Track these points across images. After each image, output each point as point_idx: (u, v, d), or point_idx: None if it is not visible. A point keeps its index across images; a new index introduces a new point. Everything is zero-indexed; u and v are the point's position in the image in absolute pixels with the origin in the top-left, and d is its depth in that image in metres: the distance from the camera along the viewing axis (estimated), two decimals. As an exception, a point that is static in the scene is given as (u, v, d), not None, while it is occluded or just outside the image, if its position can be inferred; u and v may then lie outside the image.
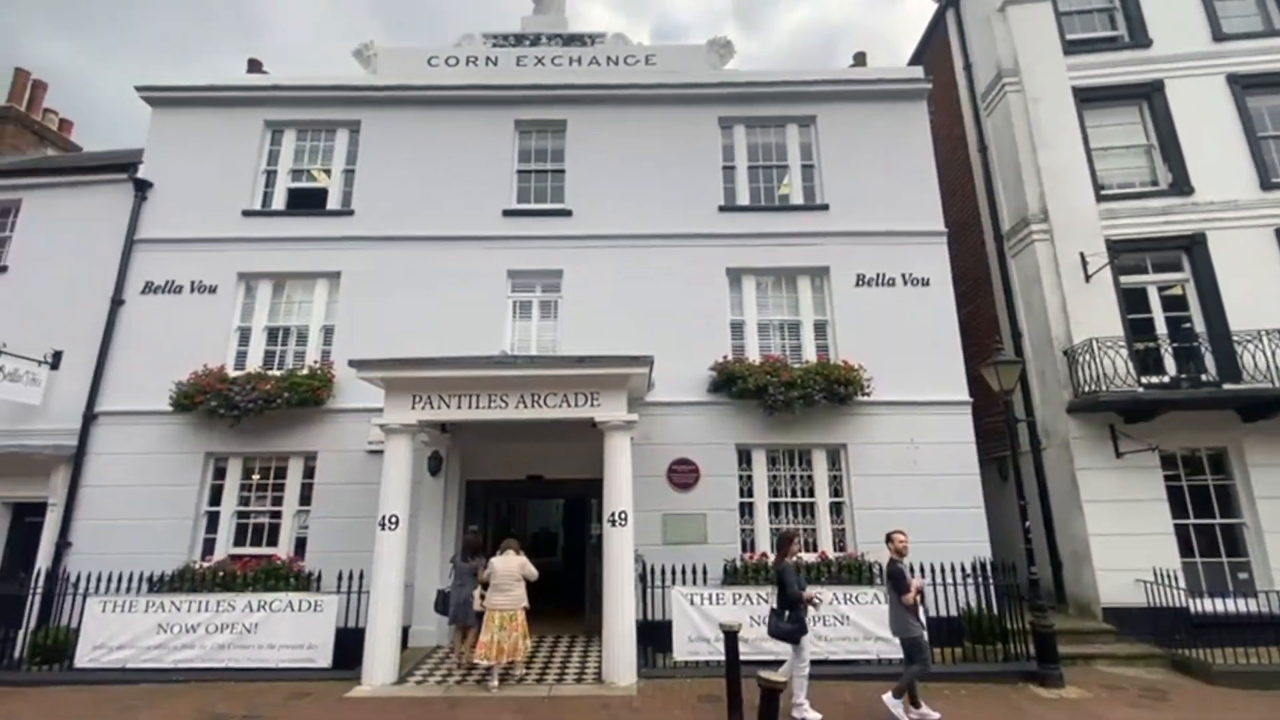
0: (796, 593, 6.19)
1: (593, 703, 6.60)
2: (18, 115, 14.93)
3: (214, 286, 10.32)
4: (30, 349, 9.85)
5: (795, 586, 6.23)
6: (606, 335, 9.55)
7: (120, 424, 9.67)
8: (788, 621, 6.22)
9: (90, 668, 7.70)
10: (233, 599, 7.99)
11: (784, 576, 6.34)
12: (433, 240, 10.38)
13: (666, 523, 9.08)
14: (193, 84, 11.25)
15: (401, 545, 7.63)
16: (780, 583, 6.38)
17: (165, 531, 9.15)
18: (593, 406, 7.83)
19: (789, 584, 6.24)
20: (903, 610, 6.22)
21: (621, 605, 7.29)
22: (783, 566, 6.45)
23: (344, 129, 11.22)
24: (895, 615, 6.34)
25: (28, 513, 9.67)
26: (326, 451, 9.47)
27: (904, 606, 6.19)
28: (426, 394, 7.89)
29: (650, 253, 10.25)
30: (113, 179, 11.02)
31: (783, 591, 6.32)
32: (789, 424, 9.37)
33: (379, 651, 7.23)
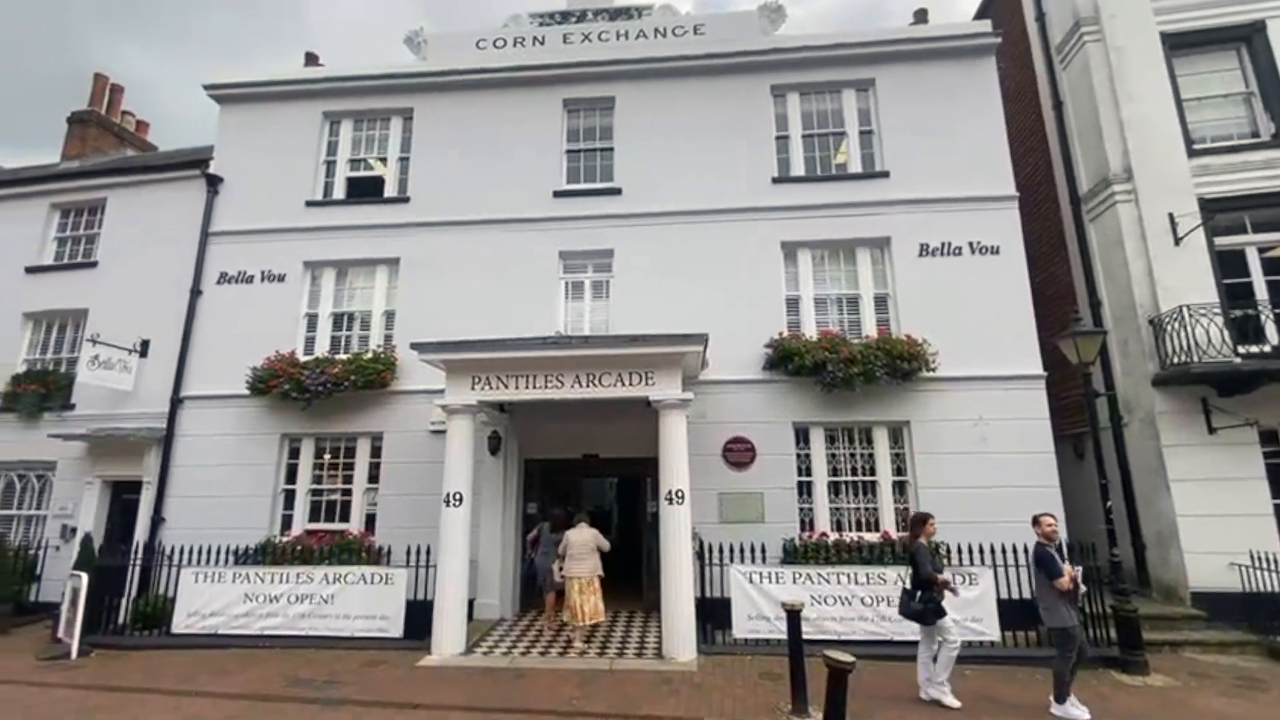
0: (929, 574, 5.98)
1: (653, 677, 6.68)
2: (99, 118, 15.86)
3: (282, 275, 10.76)
4: (121, 338, 10.57)
5: (928, 567, 6.01)
6: (659, 314, 9.48)
7: (203, 407, 10.28)
8: (919, 602, 6.03)
9: (185, 633, 8.30)
10: (310, 571, 8.43)
11: (917, 557, 6.14)
12: (485, 224, 10.49)
13: (723, 501, 9.04)
14: (254, 79, 11.65)
15: (466, 521, 7.85)
16: (913, 563, 6.21)
17: (247, 508, 9.71)
18: (647, 385, 7.81)
19: (922, 564, 6.04)
20: (1054, 597, 5.82)
21: (680, 583, 7.32)
22: (916, 546, 6.23)
23: (398, 117, 11.42)
24: (1045, 603, 5.92)
25: (125, 490, 10.45)
26: (392, 432, 9.82)
27: (1056, 593, 5.79)
28: (485, 375, 8.04)
29: (702, 229, 10.08)
30: (187, 175, 11.59)
31: (916, 572, 6.15)
32: (848, 401, 9.12)
33: (447, 623, 7.50)
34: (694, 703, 5.95)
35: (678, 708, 5.82)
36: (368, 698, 6.12)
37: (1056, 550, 6.12)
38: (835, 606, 7.63)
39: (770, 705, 5.87)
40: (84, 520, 10.15)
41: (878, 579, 7.67)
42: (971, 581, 7.54)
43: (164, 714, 5.78)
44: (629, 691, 6.24)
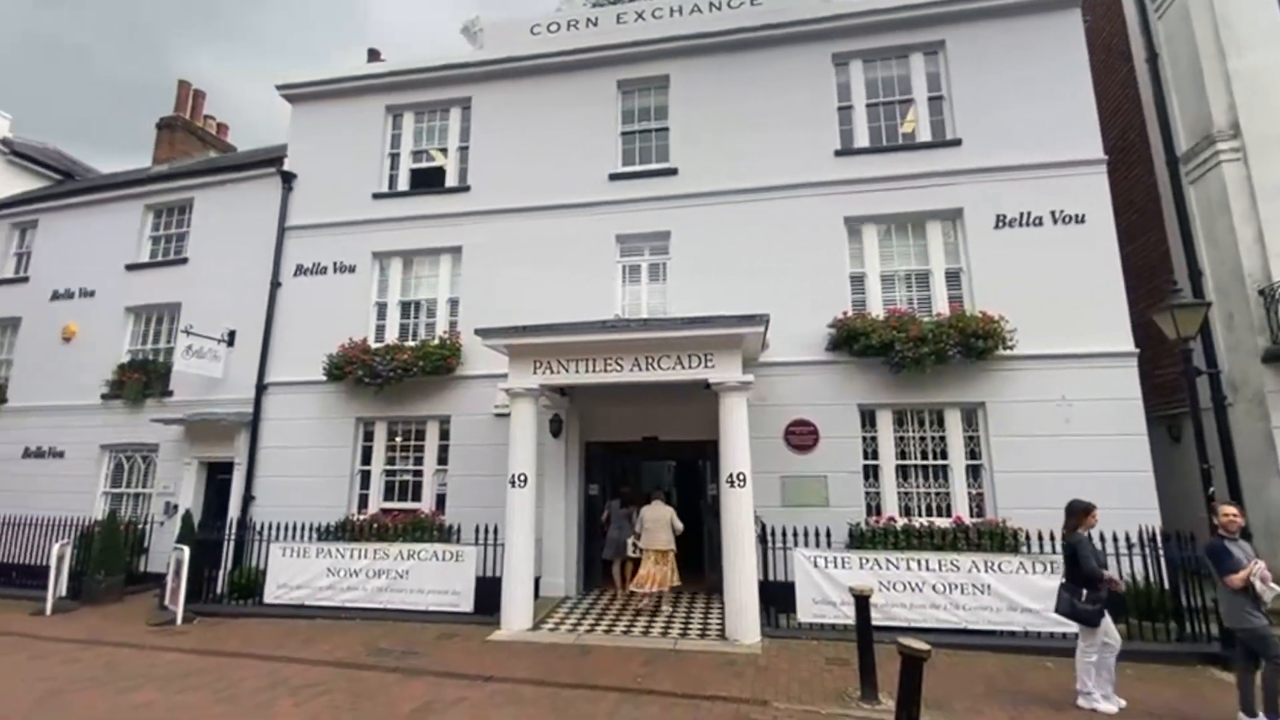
0: (1094, 569, 5.42)
1: (718, 659, 6.68)
2: (184, 123, 16.88)
3: (353, 266, 11.21)
4: (210, 329, 11.31)
5: (1092, 562, 5.46)
6: (717, 295, 9.34)
7: (285, 393, 10.89)
8: (1086, 601, 5.42)
9: (275, 603, 8.88)
10: (386, 548, 8.85)
11: (1077, 550, 5.57)
12: (542, 210, 10.59)
13: (785, 485, 8.89)
14: (322, 78, 12.10)
15: (530, 501, 8.04)
16: (1071, 556, 5.63)
17: (327, 487, 10.27)
18: (706, 368, 7.73)
19: (1084, 559, 5.48)
20: (1231, 596, 5.12)
21: (743, 566, 7.27)
22: (1075, 539, 5.64)
23: (456, 107, 11.63)
24: (1225, 602, 5.32)
25: (219, 470, 11.24)
26: (459, 415, 10.13)
27: (1230, 591, 5.11)
28: (546, 359, 8.15)
29: (761, 207, 9.84)
30: (264, 173, 12.21)
31: (1074, 566, 5.59)
32: (918, 382, 8.76)
33: (515, 599, 7.74)
34: (759, 685, 5.92)
35: (743, 689, 5.80)
36: (443, 669, 6.39)
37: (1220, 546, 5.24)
38: (905, 593, 7.41)
39: (838, 691, 5.77)
40: (184, 497, 11.00)
41: (950, 566, 7.39)
42: (1053, 570, 7.17)
43: (259, 678, 6.22)
44: (694, 671, 6.27)
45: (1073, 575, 5.64)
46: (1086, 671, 5.52)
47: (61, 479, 11.85)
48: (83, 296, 12.79)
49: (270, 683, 6.06)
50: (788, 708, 5.42)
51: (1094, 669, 5.49)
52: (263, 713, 5.30)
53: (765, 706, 5.45)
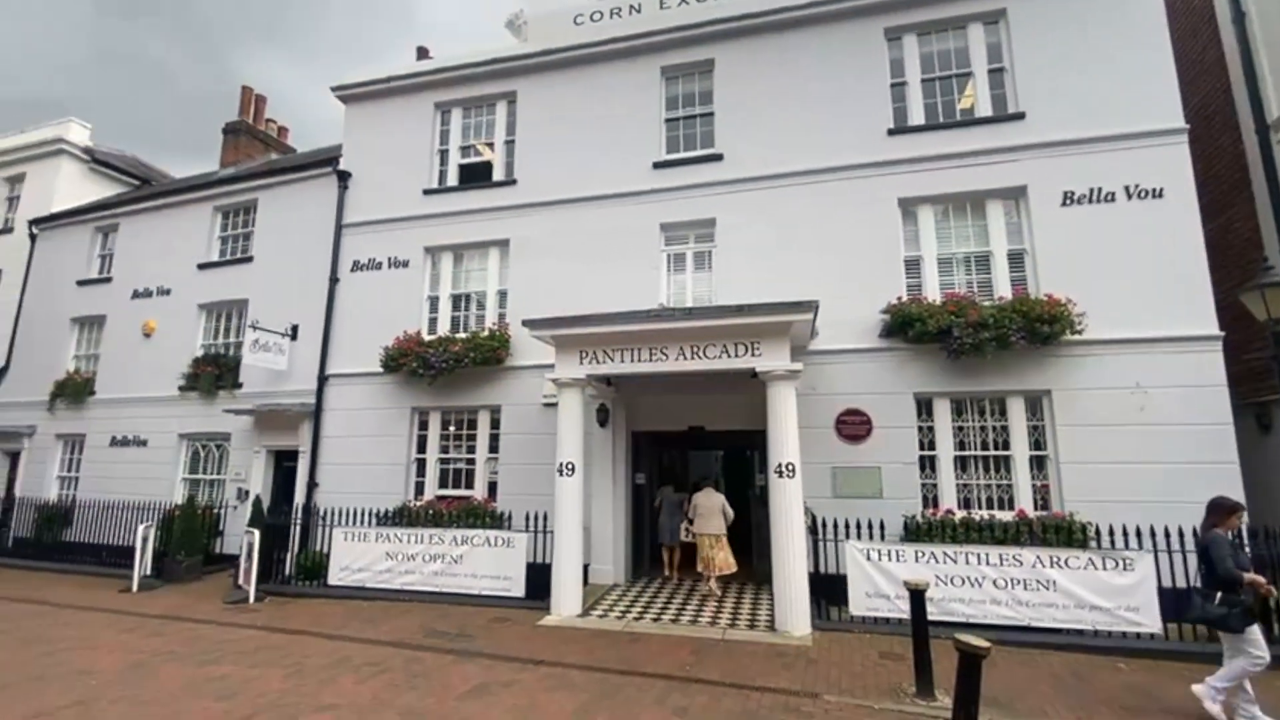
0: (1230, 570, 4.86)
1: (767, 650, 6.62)
2: (248, 127, 17.66)
3: (406, 261, 11.53)
4: (275, 323, 11.85)
5: (1228, 563, 4.90)
6: (765, 283, 9.16)
7: (345, 384, 11.33)
8: (1219, 604, 4.89)
9: (339, 585, 9.29)
10: (441, 534, 9.12)
11: (1210, 549, 5.04)
12: (586, 201, 10.61)
13: (836, 475, 8.69)
14: (373, 78, 12.42)
15: (578, 490, 8.12)
16: (1206, 558, 5.12)
17: (385, 474, 10.65)
18: (753, 356, 7.60)
19: (1218, 559, 4.94)
20: None
21: (792, 557, 7.16)
22: (1210, 537, 5.11)
23: (502, 101, 11.76)
24: None
25: (286, 458, 11.81)
26: (508, 405, 10.32)
27: None
28: (591, 349, 8.19)
29: (809, 190, 9.59)
30: (321, 173, 12.66)
31: (1209, 567, 5.07)
32: (978, 369, 8.40)
33: (564, 586, 7.85)
34: (810, 677, 5.83)
35: (793, 681, 5.73)
36: (496, 651, 6.55)
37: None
38: (963, 588, 7.15)
39: (892, 685, 5.62)
40: (254, 484, 11.61)
41: (1013, 560, 7.08)
42: (1126, 567, 6.78)
43: (324, 655, 6.52)
44: (742, 662, 6.23)
45: (1209, 577, 5.11)
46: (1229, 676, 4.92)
47: (145, 466, 12.69)
48: (160, 295, 13.60)
49: (334, 660, 6.35)
50: (839, 701, 5.32)
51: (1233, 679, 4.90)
52: (327, 688, 5.55)
53: (815, 699, 5.36)
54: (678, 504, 10.07)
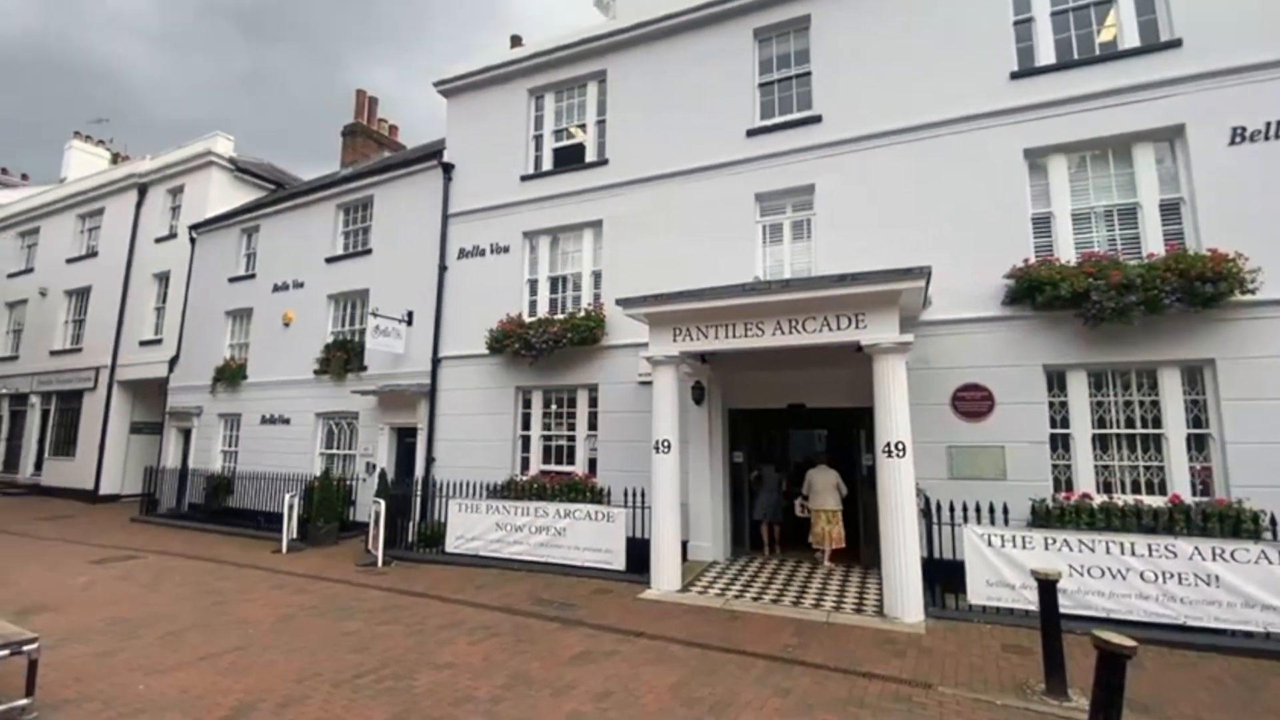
0: None
1: (875, 635, 6.32)
2: (363, 128, 18.93)
3: (506, 247, 11.95)
4: (392, 310, 12.73)
5: None
6: (869, 251, 8.62)
7: (455, 366, 12.00)
8: None
9: (454, 553, 9.93)
10: (545, 507, 9.48)
11: None
12: (678, 176, 10.45)
13: (953, 455, 8.09)
14: (471, 69, 12.86)
15: (674, 467, 8.12)
16: None
17: (494, 450, 11.21)
18: (858, 329, 7.17)
19: None
20: None
21: (903, 541, 6.76)
22: None
23: (593, 81, 11.78)
24: None
25: (406, 435, 12.74)
26: (605, 383, 10.49)
27: None
28: (685, 326, 8.09)
29: (919, 147, 8.86)
30: (427, 167, 13.35)
31: None
32: (1121, 337, 7.46)
33: (663, 561, 7.92)
34: (923, 667, 5.50)
35: (904, 669, 5.43)
36: (598, 622, 6.73)
37: None
38: (1103, 580, 6.44)
39: (1017, 681, 5.19)
40: (380, 458, 12.64)
41: (1165, 552, 6.27)
42: (1315, 564, 5.81)
43: (441, 617, 7.00)
44: (848, 647, 5.99)
45: None
46: None
47: (288, 442, 14.17)
48: (295, 287, 15.01)
49: (450, 622, 6.80)
50: (956, 694, 4.98)
51: None
52: (444, 648, 5.95)
53: (929, 690, 5.05)
54: (777, 483, 10.13)
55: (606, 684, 5.09)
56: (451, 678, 5.20)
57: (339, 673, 5.28)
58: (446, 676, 5.22)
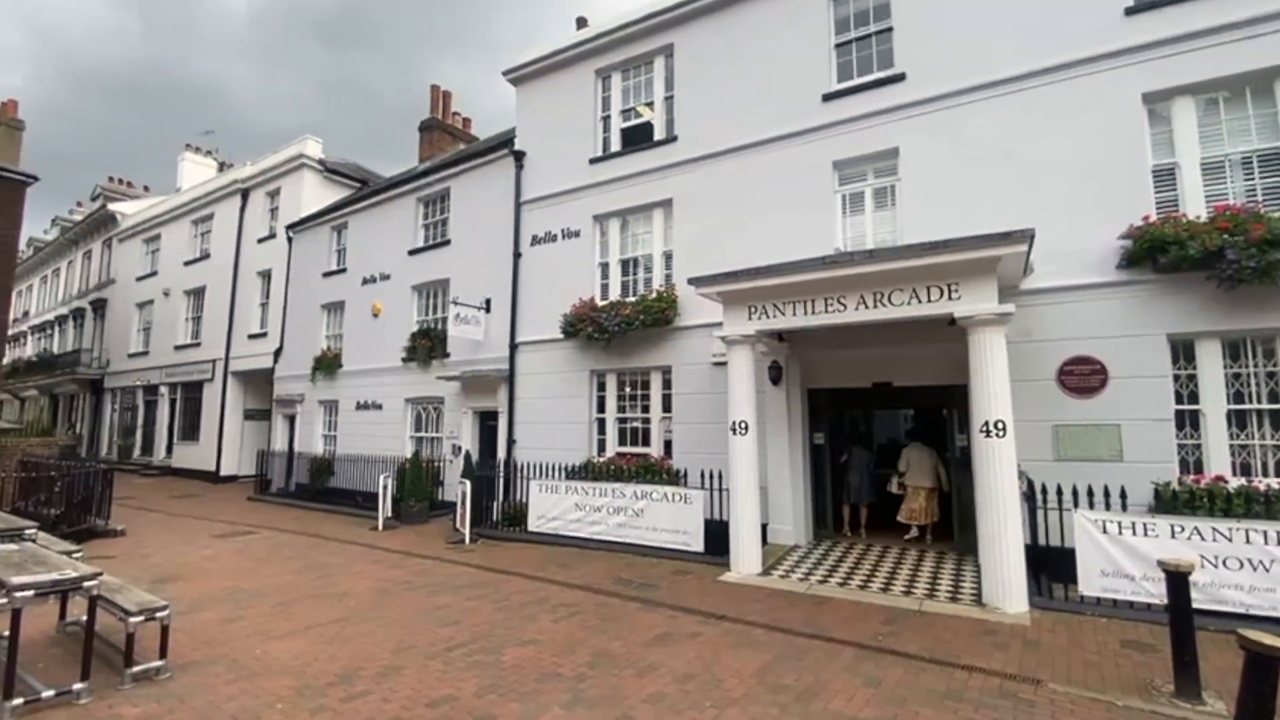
0: None
1: (973, 626, 5.95)
2: (438, 123, 19.49)
3: (577, 231, 12.00)
4: (471, 298, 13.12)
5: None
6: (960, 216, 8.01)
7: (532, 350, 12.24)
8: None
9: (536, 531, 10.19)
10: (623, 488, 9.54)
11: None
12: (750, 148, 10.10)
13: (1059, 435, 7.45)
14: (538, 55, 12.92)
15: (752, 448, 7.93)
16: None
17: (570, 433, 11.39)
18: (950, 300, 6.68)
19: None
20: None
21: (1004, 526, 6.29)
22: None
23: (659, 57, 11.55)
24: None
25: (488, 418, 13.16)
26: (679, 365, 10.38)
27: None
28: (761, 304, 7.83)
29: (1019, 100, 8.11)
30: (499, 156, 13.58)
31: None
32: (1263, 300, 6.58)
33: (743, 544, 7.79)
34: (1030, 662, 5.11)
35: (1008, 664, 5.07)
36: (678, 603, 6.71)
37: None
38: (1241, 572, 5.77)
39: (1140, 681, 4.72)
40: (464, 440, 13.14)
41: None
42: None
43: (526, 594, 7.19)
44: (944, 637, 5.67)
45: None
46: None
47: (381, 426, 14.99)
48: (382, 280, 15.76)
49: (535, 599, 6.97)
50: (1069, 692, 4.59)
51: None
52: (529, 624, 6.10)
53: (1038, 687, 4.68)
54: (867, 464, 9.99)
55: (689, 666, 5.04)
56: (536, 654, 5.31)
57: (432, 645, 5.52)
58: (531, 652, 5.34)
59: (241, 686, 4.61)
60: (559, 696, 4.48)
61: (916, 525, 9.39)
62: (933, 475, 9.40)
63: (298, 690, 4.55)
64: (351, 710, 4.25)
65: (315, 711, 4.23)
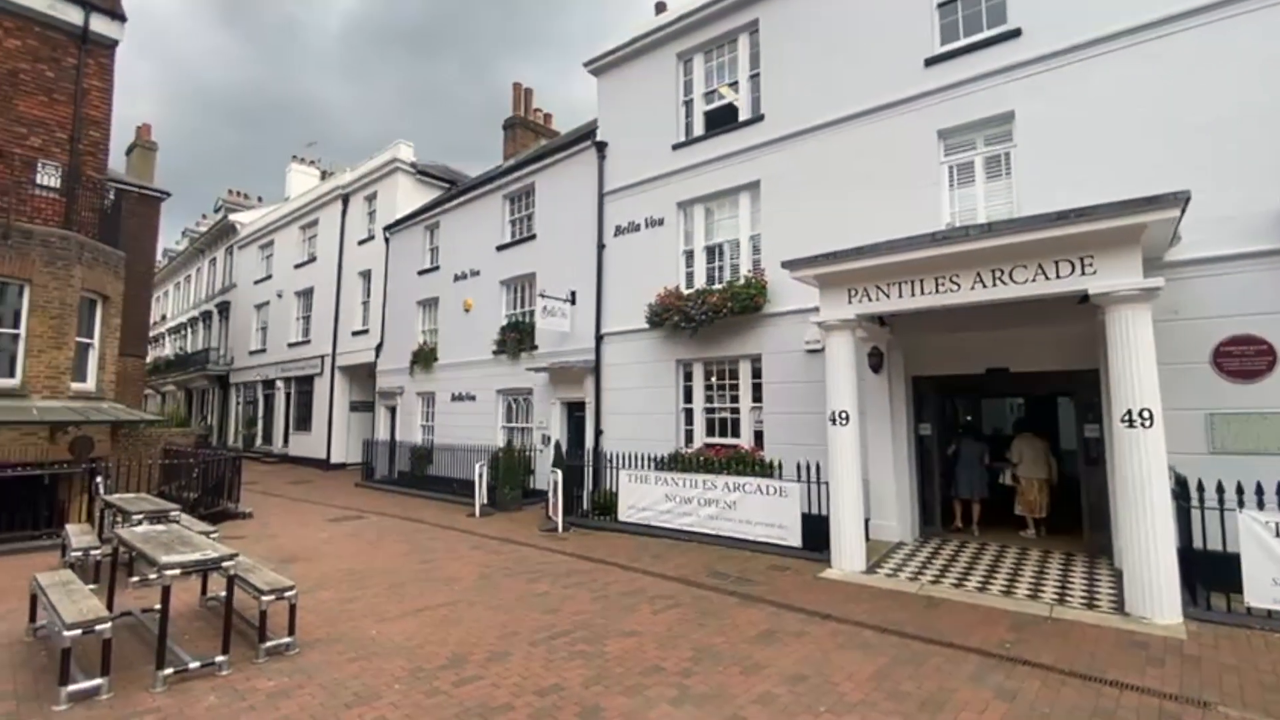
0: None
1: (1117, 637, 5.35)
2: (521, 120, 19.86)
3: (661, 219, 11.86)
4: (558, 291, 13.28)
5: None
6: (1089, 182, 7.22)
7: (617, 341, 12.25)
8: None
9: (627, 521, 10.19)
10: (713, 480, 9.35)
11: None
12: (843, 122, 9.56)
13: (1214, 425, 6.58)
14: (618, 43, 12.83)
15: (854, 440, 7.52)
16: None
17: (658, 423, 11.31)
18: (1084, 275, 6.00)
19: None
20: None
21: (1151, 526, 5.62)
22: None
23: (743, 34, 11.15)
24: None
25: (575, 409, 13.31)
26: (769, 353, 10.04)
27: None
28: (862, 286, 7.38)
29: (1152, 49, 7.19)
30: (581, 148, 13.64)
31: None
32: None
33: (846, 539, 7.41)
34: (1191, 680, 4.51)
35: (1165, 682, 4.50)
36: (779, 600, 6.46)
37: None
38: None
39: (1339, 711, 4.05)
40: (553, 430, 13.36)
41: None
42: None
43: (622, 585, 7.16)
44: (1083, 648, 5.12)
45: None
46: None
47: (475, 416, 15.53)
48: (472, 276, 16.29)
49: (631, 589, 6.93)
50: (1245, 717, 4.01)
51: None
52: (628, 615, 6.05)
53: (1206, 710, 4.12)
54: (978, 455, 9.46)
55: (798, 667, 4.81)
56: (638, 646, 5.24)
57: (535, 632, 5.58)
58: (633, 644, 5.28)
59: (361, 666, 4.81)
60: (665, 692, 4.38)
61: (1035, 519, 8.98)
62: (1046, 467, 8.99)
63: (411, 672, 4.70)
64: (463, 694, 4.33)
65: (430, 694, 4.34)
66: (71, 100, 11.23)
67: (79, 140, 11.26)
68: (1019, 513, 9.16)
